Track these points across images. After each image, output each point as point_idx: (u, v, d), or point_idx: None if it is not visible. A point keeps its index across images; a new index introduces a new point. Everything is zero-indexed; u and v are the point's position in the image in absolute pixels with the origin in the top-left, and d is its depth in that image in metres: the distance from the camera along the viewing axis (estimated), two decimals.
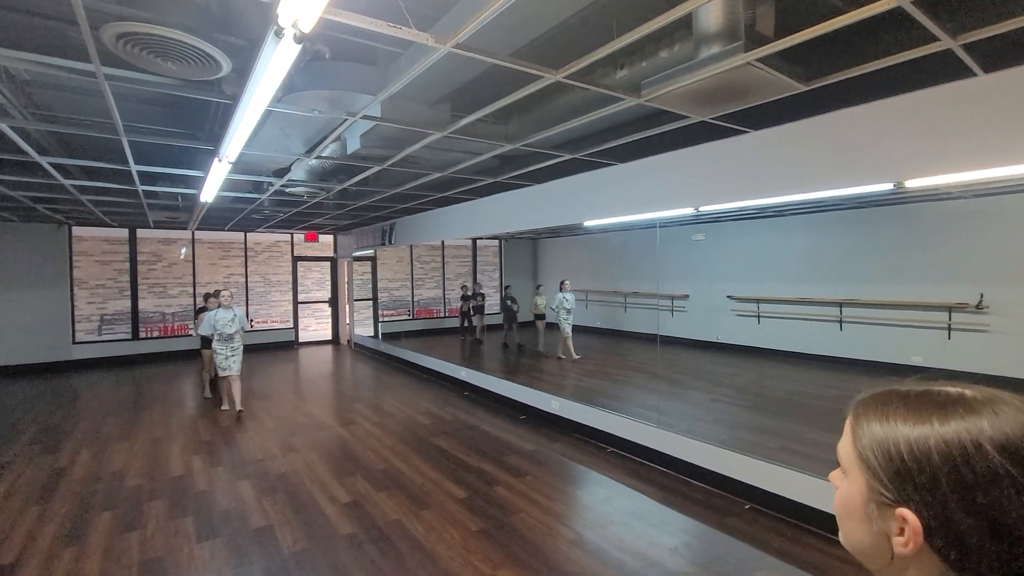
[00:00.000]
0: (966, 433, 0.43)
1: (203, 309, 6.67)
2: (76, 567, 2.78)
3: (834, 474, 0.54)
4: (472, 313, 9.61)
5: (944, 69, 2.35)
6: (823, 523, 3.02)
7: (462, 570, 2.72)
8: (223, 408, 5.88)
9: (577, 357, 7.85)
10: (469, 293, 9.89)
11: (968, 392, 0.47)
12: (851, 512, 0.51)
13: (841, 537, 0.53)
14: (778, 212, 7.54)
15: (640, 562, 2.79)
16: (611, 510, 3.41)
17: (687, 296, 9.04)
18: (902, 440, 0.46)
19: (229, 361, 5.65)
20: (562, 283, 7.90)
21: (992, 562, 0.41)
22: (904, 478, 0.45)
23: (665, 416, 4.42)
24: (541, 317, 8.42)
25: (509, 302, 8.76)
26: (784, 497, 3.23)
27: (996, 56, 2.22)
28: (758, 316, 8.14)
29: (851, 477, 0.51)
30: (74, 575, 2.71)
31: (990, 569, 0.41)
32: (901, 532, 0.46)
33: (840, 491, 0.53)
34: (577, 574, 2.68)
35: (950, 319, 6.09)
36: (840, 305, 7.14)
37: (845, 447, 0.52)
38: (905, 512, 0.45)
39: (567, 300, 7.76)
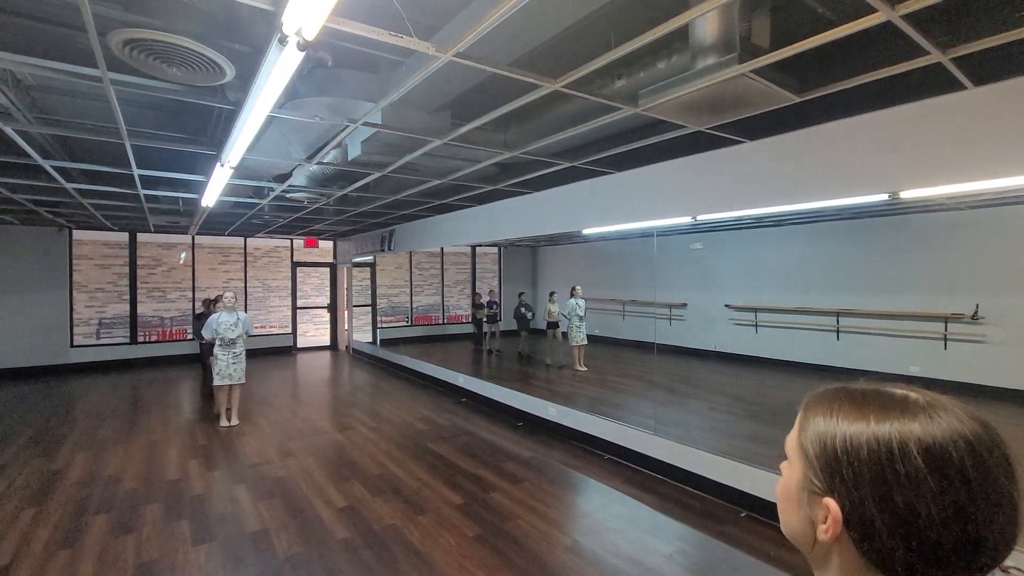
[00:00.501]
0: (897, 434, 0.45)
1: (203, 315, 6.66)
2: (70, 570, 2.77)
3: (783, 464, 0.57)
4: (486, 321, 9.24)
5: (935, 82, 2.40)
6: None
7: (458, 575, 2.72)
8: (221, 424, 5.52)
9: (583, 369, 7.83)
10: (483, 301, 9.45)
11: (913, 395, 0.48)
12: (787, 498, 0.54)
13: (781, 522, 0.55)
14: (776, 222, 7.59)
15: (636, 568, 2.79)
16: (607, 517, 3.41)
17: (685, 305, 9.08)
18: (838, 434, 0.48)
19: (231, 368, 5.42)
20: (573, 289, 7.88)
21: (899, 559, 0.43)
22: (833, 469, 0.47)
23: (662, 424, 4.43)
24: (555, 325, 8.28)
25: (523, 310, 8.57)
26: None
27: (985, 69, 2.26)
28: (755, 325, 8.17)
29: (792, 466, 0.54)
30: None
31: (898, 565, 0.44)
32: (825, 520, 0.48)
33: (782, 478, 0.55)
34: None
35: (946, 329, 6.12)
36: (837, 315, 7.17)
37: (791, 438, 0.55)
38: (829, 502, 0.47)
39: (579, 306, 7.74)
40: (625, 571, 2.76)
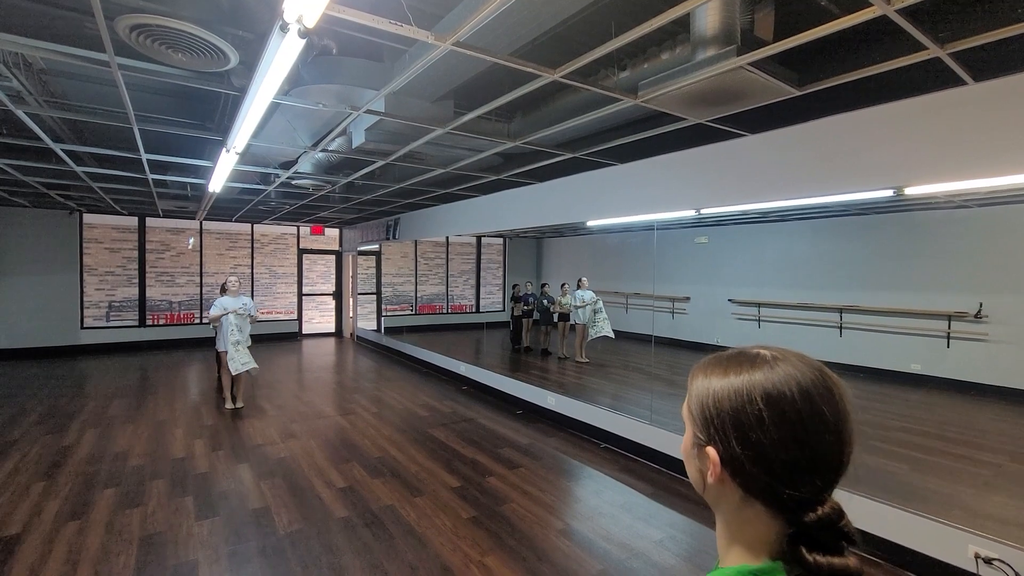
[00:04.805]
0: (747, 384, 0.54)
1: None
2: (78, 540, 2.87)
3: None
4: (524, 318, 8.73)
5: (935, 77, 2.40)
6: None
7: (451, 554, 2.80)
8: (227, 406, 5.57)
9: (584, 360, 7.86)
10: (521, 293, 8.76)
11: (764, 351, 0.57)
12: (686, 455, 0.62)
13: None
14: (780, 217, 7.56)
15: (625, 553, 2.85)
16: (601, 503, 3.47)
17: (688, 299, 9.08)
18: (710, 392, 0.57)
19: (246, 356, 5.33)
20: (580, 281, 7.89)
21: (762, 484, 0.53)
22: (708, 422, 0.56)
23: (660, 415, 4.47)
24: (565, 317, 8.17)
25: (546, 302, 8.38)
26: None
27: (984, 65, 2.26)
28: (758, 320, 8.17)
29: (687, 428, 0.62)
30: (76, 547, 2.80)
31: (762, 490, 0.53)
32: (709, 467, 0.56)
33: (683, 440, 0.63)
34: (563, 562, 2.75)
35: (949, 327, 6.10)
36: (840, 311, 7.15)
37: (684, 405, 0.62)
38: (709, 450, 0.56)
39: (583, 298, 7.72)
40: (614, 555, 2.82)
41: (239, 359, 5.31)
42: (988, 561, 2.40)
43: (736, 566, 0.55)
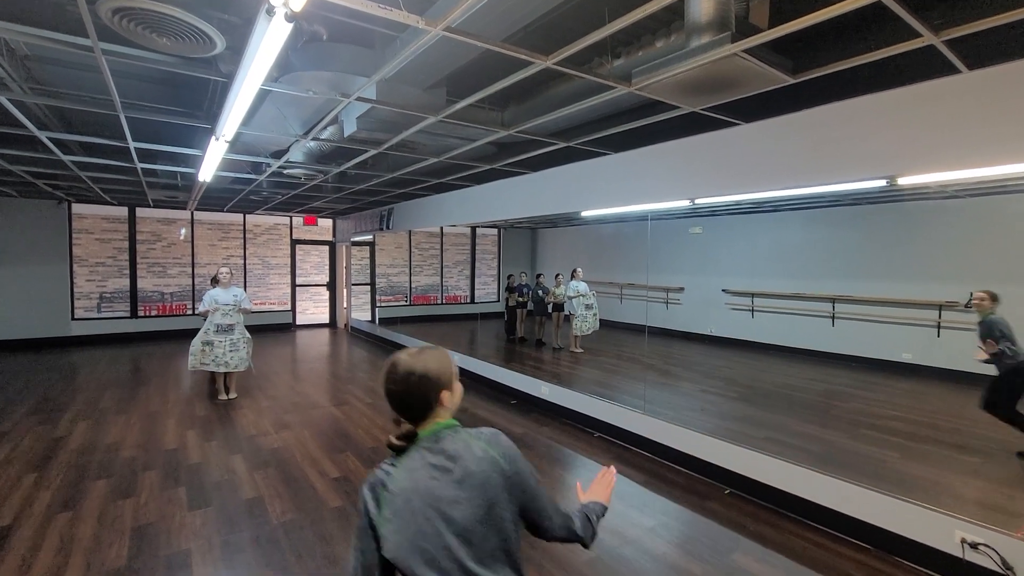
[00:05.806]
0: (402, 361, 1.10)
1: None
2: (70, 530, 2.86)
3: None
4: (519, 308, 8.65)
5: (929, 65, 2.39)
6: (801, 509, 3.11)
7: None
8: (219, 397, 5.53)
9: (579, 351, 7.87)
10: (515, 284, 8.71)
11: (412, 349, 1.13)
12: None
13: None
14: (774, 207, 7.57)
15: (618, 540, 2.87)
16: None
17: (682, 289, 9.10)
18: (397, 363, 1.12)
19: (227, 356, 5.27)
20: (574, 271, 7.84)
21: (406, 415, 1.11)
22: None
23: (654, 405, 4.50)
24: (560, 308, 8.18)
25: (541, 292, 8.35)
26: (764, 483, 3.31)
27: (979, 53, 2.25)
28: (752, 310, 8.21)
29: None
30: (68, 538, 2.79)
31: (409, 419, 1.11)
32: None
33: None
34: (555, 550, 2.76)
35: (940, 317, 6.15)
36: (832, 301, 7.19)
37: None
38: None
39: (577, 288, 7.71)
40: (606, 542, 2.84)
41: (199, 357, 5.25)
42: (974, 546, 2.44)
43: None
